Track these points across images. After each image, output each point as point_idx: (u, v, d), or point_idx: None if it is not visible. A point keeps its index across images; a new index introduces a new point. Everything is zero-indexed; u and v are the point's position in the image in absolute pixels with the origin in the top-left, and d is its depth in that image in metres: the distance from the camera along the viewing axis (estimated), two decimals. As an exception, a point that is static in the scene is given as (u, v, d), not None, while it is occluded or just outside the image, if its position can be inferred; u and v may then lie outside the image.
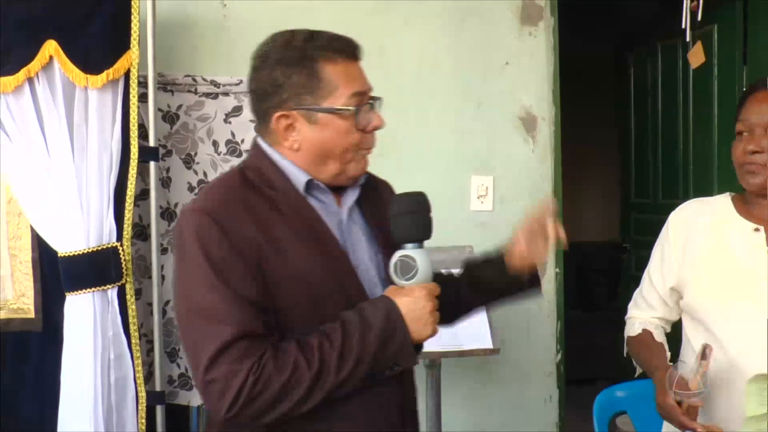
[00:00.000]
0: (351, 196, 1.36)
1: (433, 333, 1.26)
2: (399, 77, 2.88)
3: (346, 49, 1.31)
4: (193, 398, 2.74)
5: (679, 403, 1.40)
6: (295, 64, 1.26)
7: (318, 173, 1.31)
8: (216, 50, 2.79)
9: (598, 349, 4.59)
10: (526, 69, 2.94)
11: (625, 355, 1.76)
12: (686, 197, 3.55)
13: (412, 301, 1.23)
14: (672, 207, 3.80)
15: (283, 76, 1.26)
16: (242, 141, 2.73)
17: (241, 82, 2.69)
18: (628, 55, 4.16)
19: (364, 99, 1.31)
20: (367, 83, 1.33)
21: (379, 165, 2.78)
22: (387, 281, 1.31)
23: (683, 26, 2.70)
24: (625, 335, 1.75)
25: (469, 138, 2.93)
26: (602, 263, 5.38)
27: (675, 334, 1.77)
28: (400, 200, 1.31)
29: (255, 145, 1.36)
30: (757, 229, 1.53)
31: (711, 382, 1.43)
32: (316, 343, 1.19)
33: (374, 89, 3.03)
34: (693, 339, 1.60)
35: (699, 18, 2.67)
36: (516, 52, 2.93)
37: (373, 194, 1.42)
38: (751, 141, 1.50)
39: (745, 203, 1.59)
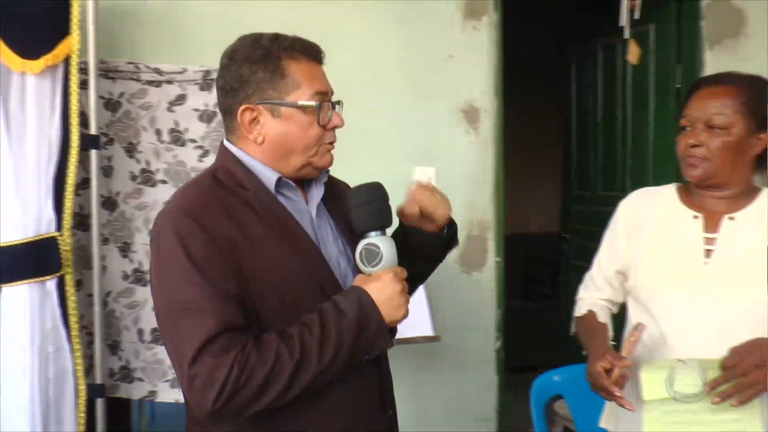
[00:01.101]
0: (317, 193, 1.41)
1: (406, 314, 1.31)
2: (343, 69, 2.87)
3: (309, 51, 1.37)
4: (134, 392, 2.71)
5: (609, 374, 1.45)
6: (261, 60, 1.31)
7: (283, 167, 1.35)
8: (160, 38, 2.76)
9: (539, 336, 4.71)
10: (469, 62, 2.99)
11: (572, 334, 1.82)
12: (624, 189, 3.69)
13: (382, 286, 1.28)
14: (611, 198, 3.93)
15: (249, 72, 1.31)
16: (186, 130, 2.70)
17: (185, 70, 2.66)
18: (570, 51, 4.26)
19: (326, 98, 1.37)
20: (328, 85, 1.39)
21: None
22: (356, 272, 1.35)
23: (622, 24, 2.79)
24: (573, 315, 1.82)
25: (413, 129, 2.96)
26: (544, 253, 5.50)
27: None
28: (357, 192, 1.35)
29: (223, 148, 1.39)
30: (696, 217, 1.60)
31: (648, 359, 1.51)
32: (297, 333, 1.22)
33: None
34: (634, 319, 1.67)
35: (637, 16, 2.76)
36: (459, 45, 2.98)
37: (334, 192, 1.47)
38: (692, 135, 1.56)
39: (688, 193, 1.66)
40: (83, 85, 2.42)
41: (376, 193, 1.35)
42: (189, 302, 1.21)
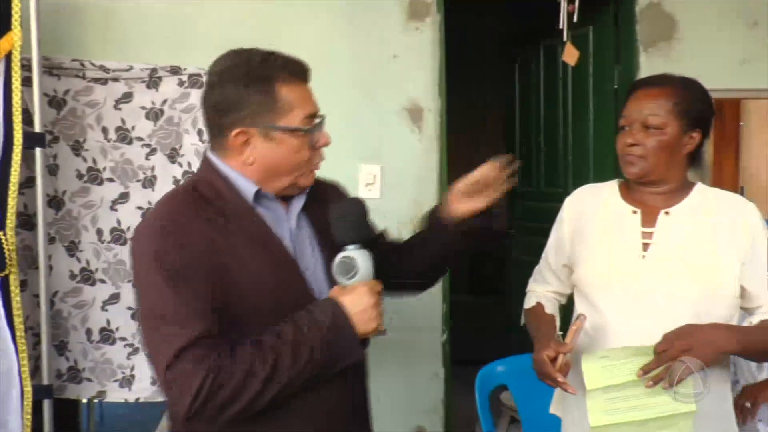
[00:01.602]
0: (297, 204, 1.43)
1: (378, 326, 1.33)
2: (293, 68, 2.92)
3: (300, 72, 1.38)
4: (83, 392, 2.69)
5: (554, 362, 1.53)
6: (254, 83, 1.31)
7: (268, 186, 1.37)
8: (106, 35, 2.74)
9: (485, 330, 4.81)
10: (412, 63, 3.04)
11: (522, 325, 1.89)
12: (566, 186, 3.81)
13: (355, 299, 1.30)
14: (554, 195, 4.03)
15: (243, 94, 1.31)
16: (133, 128, 2.68)
17: (131, 68, 2.65)
18: (514, 52, 4.36)
19: (315, 119, 1.39)
20: (316, 105, 1.41)
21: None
22: (334, 282, 1.37)
23: (560, 27, 2.88)
24: (523, 307, 1.88)
25: (359, 128, 3.00)
26: (490, 249, 5.60)
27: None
28: (337, 206, 1.38)
29: (205, 159, 1.40)
30: (634, 212, 1.67)
31: (591, 349, 1.59)
32: (270, 341, 1.25)
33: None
34: (579, 310, 1.73)
35: (575, 20, 2.85)
36: (403, 45, 3.04)
37: (319, 195, 1.48)
38: (630, 135, 1.63)
39: (628, 189, 1.73)
40: (26, 82, 2.39)
41: (355, 207, 1.38)
42: (165, 312, 1.23)
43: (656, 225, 1.64)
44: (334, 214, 1.36)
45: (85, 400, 2.87)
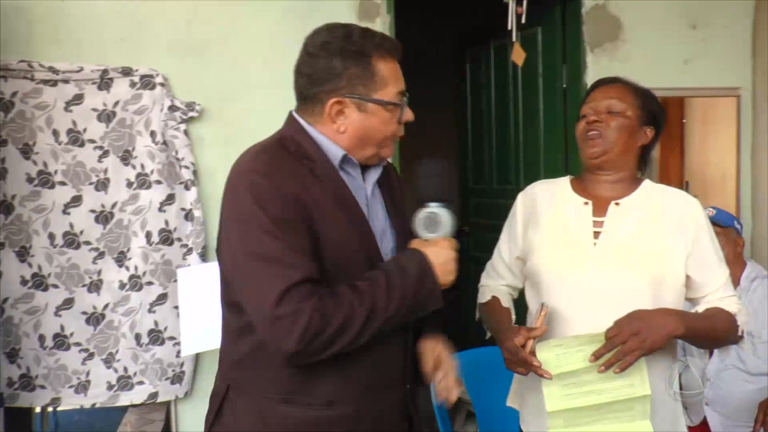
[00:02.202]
0: (374, 175, 1.51)
1: (455, 280, 1.42)
2: (247, 67, 2.91)
3: (394, 50, 1.45)
4: (36, 400, 2.64)
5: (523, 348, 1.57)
6: (353, 56, 1.39)
7: (354, 153, 1.44)
8: (55, 36, 2.68)
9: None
10: (364, 63, 3.06)
11: (476, 320, 1.92)
12: (518, 182, 3.88)
13: (438, 251, 1.40)
14: (505, 191, 4.10)
15: (341, 66, 1.38)
16: (84, 130, 2.65)
17: (81, 69, 2.61)
18: (465, 52, 4.42)
19: (403, 96, 1.46)
20: (404, 83, 1.47)
21: (225, 153, 2.84)
22: (399, 251, 1.48)
23: (509, 28, 2.94)
24: (478, 302, 1.92)
25: None
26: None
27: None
28: (429, 164, 1.48)
29: (292, 119, 1.47)
30: (586, 203, 1.73)
31: (546, 337, 1.62)
32: (365, 285, 1.33)
33: (222, 77, 3.03)
34: (530, 302, 1.79)
35: (523, 21, 2.91)
36: (353, 46, 3.04)
37: (388, 177, 1.57)
38: (593, 115, 1.71)
39: (580, 182, 1.79)
40: (-28, 84, 2.34)
41: (444, 169, 1.49)
42: (270, 254, 1.28)
43: (607, 215, 1.70)
44: (425, 171, 1.47)
45: (38, 409, 2.81)
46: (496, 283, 1.89)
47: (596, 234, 1.68)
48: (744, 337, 1.68)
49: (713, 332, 1.65)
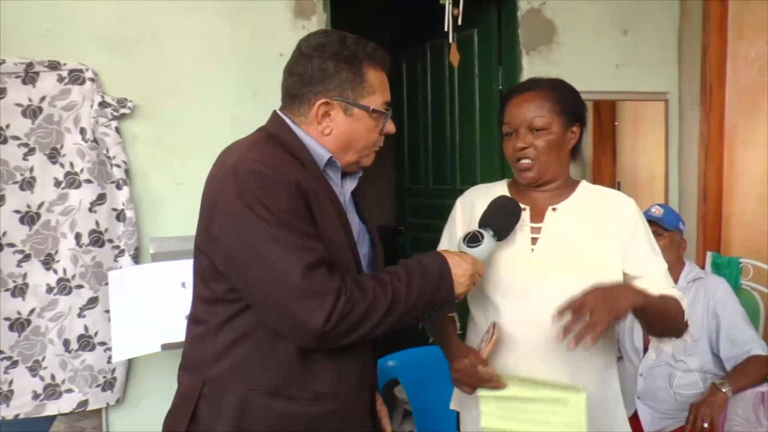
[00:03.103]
0: (350, 184, 1.53)
1: (465, 293, 1.46)
2: (176, 64, 2.83)
3: (385, 62, 1.49)
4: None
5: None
6: (347, 61, 1.42)
7: (338, 158, 1.46)
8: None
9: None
10: (299, 61, 3.02)
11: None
12: (454, 182, 3.92)
13: (459, 261, 1.44)
14: (442, 192, 4.13)
15: (334, 69, 1.42)
16: (7, 126, 2.51)
17: (4, 62, 2.48)
18: (401, 52, 4.43)
19: (388, 107, 1.50)
20: (390, 95, 1.51)
21: (158, 152, 2.76)
22: (374, 257, 1.54)
23: (446, 29, 2.96)
24: None
25: (246, 125, 2.86)
26: (383, 245, 5.66)
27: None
28: (506, 201, 1.62)
29: (278, 118, 1.48)
30: (524, 209, 1.72)
31: (497, 323, 1.65)
32: (387, 277, 1.35)
33: (154, 73, 2.93)
34: (472, 306, 1.80)
35: (460, 23, 2.93)
36: (291, 44, 2.94)
37: (358, 186, 1.57)
38: (519, 139, 1.69)
39: (517, 187, 1.79)
40: None
41: (515, 209, 1.61)
42: (284, 239, 1.27)
43: (544, 220, 1.71)
44: (498, 201, 1.60)
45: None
46: None
47: (534, 240, 1.69)
48: (689, 327, 1.70)
49: (667, 314, 1.64)
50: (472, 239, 1.51)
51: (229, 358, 1.38)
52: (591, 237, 1.68)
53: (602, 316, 1.44)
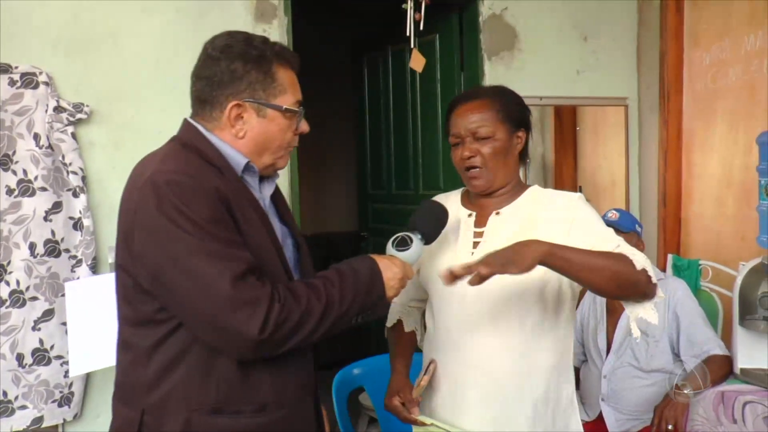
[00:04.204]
0: (269, 188, 1.50)
1: (395, 296, 1.47)
2: (136, 66, 2.77)
3: (294, 61, 1.47)
4: None
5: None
6: (255, 61, 1.39)
7: (254, 161, 1.43)
8: None
9: (345, 333, 4.82)
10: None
11: (386, 336, 1.92)
12: (417, 188, 3.91)
13: (389, 265, 1.44)
14: (404, 197, 4.12)
15: (243, 70, 1.39)
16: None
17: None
18: (363, 57, 4.41)
19: (300, 106, 1.48)
20: (301, 95, 1.49)
21: (116, 158, 2.69)
22: (300, 259, 1.52)
23: (408, 34, 2.96)
24: (386, 325, 1.91)
25: None
26: (345, 251, 5.63)
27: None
28: (433, 205, 1.63)
29: (189, 125, 1.44)
30: (470, 215, 1.74)
31: (436, 346, 1.70)
32: (320, 282, 1.35)
33: (111, 77, 2.86)
34: (427, 314, 1.80)
35: (421, 28, 2.93)
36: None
37: (277, 193, 1.56)
38: (465, 149, 1.69)
39: (469, 195, 1.80)
40: None
41: (442, 213, 1.61)
42: (210, 250, 1.24)
43: (487, 225, 1.71)
44: (426, 205, 1.61)
45: None
46: (403, 299, 1.88)
47: (475, 244, 1.70)
48: (658, 289, 1.56)
49: (606, 270, 1.49)
50: (401, 243, 1.52)
51: (166, 383, 1.32)
52: (530, 236, 1.62)
53: (493, 266, 1.41)
